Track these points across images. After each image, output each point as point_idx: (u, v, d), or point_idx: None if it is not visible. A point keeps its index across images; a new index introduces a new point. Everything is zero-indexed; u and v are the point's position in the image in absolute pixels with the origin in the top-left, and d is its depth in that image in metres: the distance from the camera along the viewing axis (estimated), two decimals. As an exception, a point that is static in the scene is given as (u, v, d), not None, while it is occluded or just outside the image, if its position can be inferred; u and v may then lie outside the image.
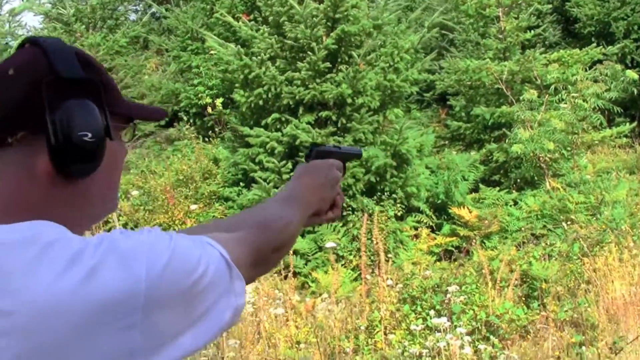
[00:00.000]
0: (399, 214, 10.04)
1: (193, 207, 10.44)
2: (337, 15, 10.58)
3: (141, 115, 1.58)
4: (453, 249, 9.89)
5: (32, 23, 39.85)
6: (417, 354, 6.09)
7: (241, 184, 11.01)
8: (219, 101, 14.98)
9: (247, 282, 1.54)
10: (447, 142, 14.21)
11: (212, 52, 13.22)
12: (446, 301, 6.85)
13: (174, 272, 1.29)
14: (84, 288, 1.21)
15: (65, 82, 1.37)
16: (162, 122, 15.97)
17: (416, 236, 10.08)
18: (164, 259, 1.28)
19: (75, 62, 1.40)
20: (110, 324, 1.21)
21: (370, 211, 9.71)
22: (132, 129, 1.56)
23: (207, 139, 14.30)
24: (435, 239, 9.94)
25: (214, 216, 10.59)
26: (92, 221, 1.48)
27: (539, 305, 7.30)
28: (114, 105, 1.47)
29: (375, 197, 10.16)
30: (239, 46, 10.91)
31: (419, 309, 6.85)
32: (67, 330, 1.19)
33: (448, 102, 15.00)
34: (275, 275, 8.29)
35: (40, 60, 1.39)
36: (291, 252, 8.56)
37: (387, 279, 7.22)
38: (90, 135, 1.36)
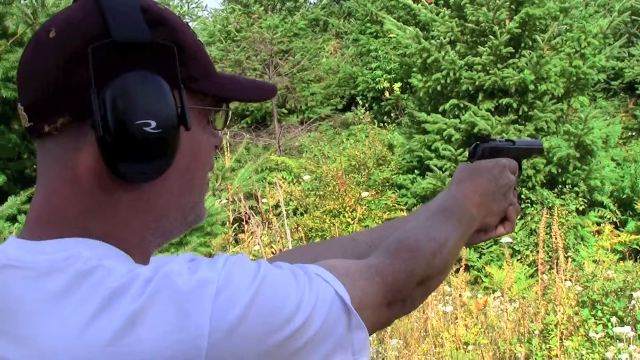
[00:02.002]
0: (580, 208, 9.59)
1: (365, 194, 10.30)
2: (521, -2, 10.16)
3: (238, 93, 1.16)
4: (638, 247, 9.30)
5: (213, 5, 40.82)
6: (596, 365, 5.63)
7: (416, 171, 10.88)
8: (397, 85, 14.79)
9: (379, 327, 1.17)
10: (634, 133, 13.48)
11: (390, 35, 13.00)
12: (630, 308, 6.32)
13: (256, 324, 0.93)
14: (119, 342, 0.89)
15: (121, 47, 1.00)
16: (339, 106, 16.15)
17: (598, 232, 9.62)
18: (241, 305, 0.92)
19: (139, 20, 1.02)
20: None
21: (550, 204, 9.34)
22: (225, 113, 1.16)
23: (382, 124, 14.14)
24: (619, 236, 9.41)
25: (385, 204, 10.46)
26: (165, 238, 1.10)
27: None
28: (199, 80, 1.08)
29: (556, 190, 9.76)
30: (417, 29, 10.67)
31: (599, 314, 6.36)
32: None
33: (637, 92, 14.21)
34: (446, 269, 7.99)
35: (91, 17, 1.02)
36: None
37: (566, 279, 6.76)
38: (154, 124, 0.99)
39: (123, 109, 0.98)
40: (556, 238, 7.43)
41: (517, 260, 9.08)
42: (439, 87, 10.46)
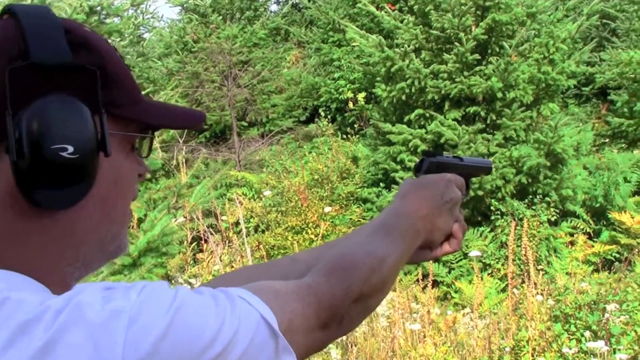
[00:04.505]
0: (552, 218, 9.59)
1: (328, 209, 10.25)
2: (487, 3, 10.20)
3: (163, 120, 1.16)
4: (613, 258, 9.33)
5: (169, 15, 40.93)
6: (569, 382, 5.62)
7: (381, 184, 10.85)
8: (361, 96, 14.79)
9: (314, 351, 1.14)
10: (607, 140, 13.60)
11: (353, 43, 13.00)
12: (604, 321, 6.32)
13: (173, 353, 0.91)
14: None
15: (41, 69, 1.00)
16: (302, 118, 16.15)
17: (571, 243, 9.63)
18: (155, 335, 0.90)
19: (60, 42, 1.02)
20: None
21: (521, 215, 9.37)
22: (149, 140, 1.18)
23: (346, 136, 14.14)
24: (592, 246, 9.45)
25: (350, 219, 10.45)
26: (85, 269, 1.10)
27: None
28: (123, 105, 1.09)
29: (526, 200, 9.76)
30: (380, 37, 10.66)
31: (572, 328, 6.35)
32: None
33: (609, 97, 14.36)
34: (414, 285, 7.97)
35: (11, 37, 1.02)
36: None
37: (537, 293, 6.75)
38: (71, 149, 0.99)
39: (39, 132, 0.97)
40: (526, 250, 7.44)
41: (488, 274, 9.08)
42: (403, 97, 10.44)
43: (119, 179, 1.10)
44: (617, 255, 9.41)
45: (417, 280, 7.95)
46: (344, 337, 6.62)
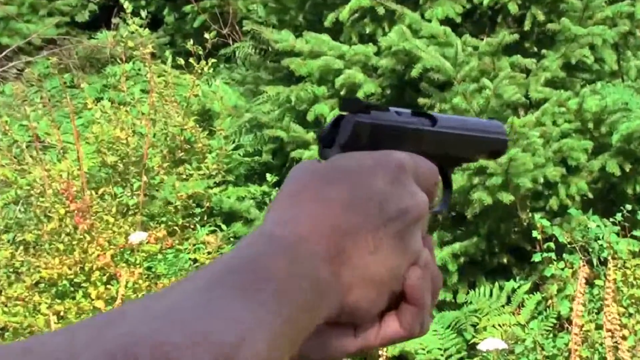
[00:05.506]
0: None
1: (139, 236, 9.76)
2: None
3: None
4: None
5: None
6: None
7: (268, 177, 10.70)
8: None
9: None
10: None
11: None
12: None
13: None
14: None
15: None
16: (80, 16, 17.70)
17: None
18: None
19: None
20: None
21: (607, 251, 8.95)
22: None
23: (186, 63, 13.76)
24: None
25: (191, 261, 10.31)
26: None
27: None
28: None
29: (618, 217, 9.33)
30: None
31: None
32: None
33: None
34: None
35: None
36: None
37: None
38: None
39: None
40: (618, 335, 7.24)
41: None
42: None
43: None
44: None
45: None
46: None
